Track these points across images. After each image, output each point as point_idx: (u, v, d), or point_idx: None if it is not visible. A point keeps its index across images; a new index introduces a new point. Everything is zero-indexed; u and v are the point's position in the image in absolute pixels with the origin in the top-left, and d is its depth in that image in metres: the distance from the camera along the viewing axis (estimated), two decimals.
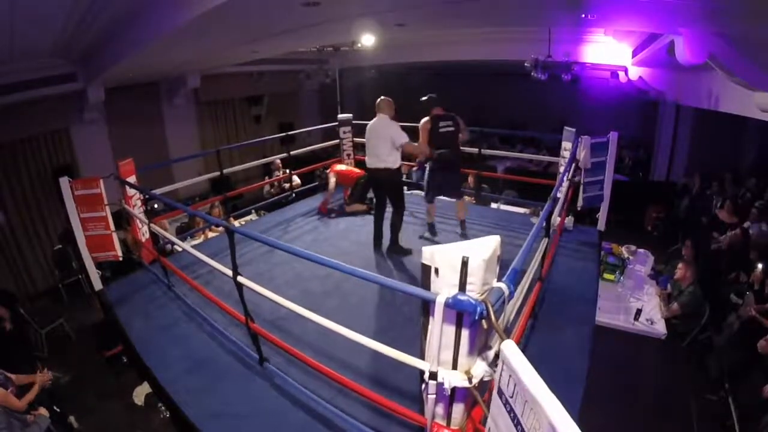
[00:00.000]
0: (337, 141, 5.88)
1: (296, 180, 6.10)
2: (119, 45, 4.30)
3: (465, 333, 1.40)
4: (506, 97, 10.86)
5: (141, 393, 4.02)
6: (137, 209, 3.68)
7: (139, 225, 3.73)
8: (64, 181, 3.24)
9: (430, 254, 1.43)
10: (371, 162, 3.95)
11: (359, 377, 2.31)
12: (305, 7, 3.15)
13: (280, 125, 9.60)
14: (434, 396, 1.50)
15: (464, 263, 1.32)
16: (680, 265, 4.45)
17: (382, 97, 3.97)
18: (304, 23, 4.00)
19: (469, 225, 4.46)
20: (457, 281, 1.35)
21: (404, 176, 5.05)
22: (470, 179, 5.97)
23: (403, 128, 3.90)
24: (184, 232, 5.36)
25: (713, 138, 7.49)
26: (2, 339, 4.10)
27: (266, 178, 7.30)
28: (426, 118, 4.03)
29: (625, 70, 6.23)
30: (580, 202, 4.10)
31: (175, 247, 4.66)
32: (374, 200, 4.27)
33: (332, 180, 5.17)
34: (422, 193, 4.31)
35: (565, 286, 3.40)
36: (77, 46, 4.65)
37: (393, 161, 3.87)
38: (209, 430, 2.19)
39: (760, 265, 4.31)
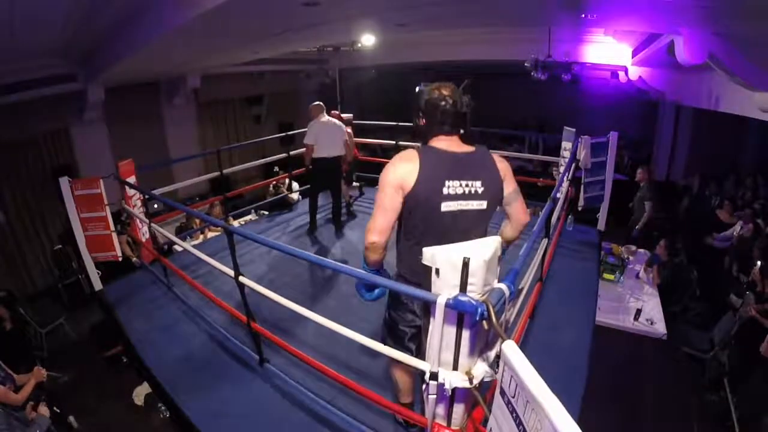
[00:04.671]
0: None
1: (295, 186, 5.95)
2: (119, 45, 4.29)
3: (466, 334, 1.39)
4: (506, 97, 10.85)
5: (141, 393, 4.02)
6: (137, 209, 3.68)
7: (139, 225, 3.73)
8: (64, 181, 3.24)
9: (431, 255, 1.42)
10: (330, 152, 4.35)
11: (359, 377, 2.31)
12: (305, 7, 3.15)
13: (280, 125, 9.57)
14: (435, 396, 1.50)
15: (465, 264, 1.31)
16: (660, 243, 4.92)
17: (317, 102, 4.48)
18: (304, 23, 4.00)
19: None
20: (458, 282, 1.34)
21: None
22: None
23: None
24: (182, 232, 5.35)
25: (713, 138, 7.49)
26: (2, 339, 4.10)
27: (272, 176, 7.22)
28: None
29: (625, 70, 6.23)
30: (580, 202, 4.10)
31: (174, 247, 4.66)
32: (313, 187, 4.65)
33: None
34: None
35: (565, 287, 3.40)
36: (77, 46, 4.64)
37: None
38: (209, 430, 2.18)
39: (758, 263, 4.31)
